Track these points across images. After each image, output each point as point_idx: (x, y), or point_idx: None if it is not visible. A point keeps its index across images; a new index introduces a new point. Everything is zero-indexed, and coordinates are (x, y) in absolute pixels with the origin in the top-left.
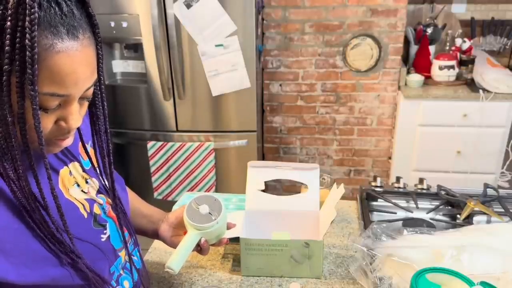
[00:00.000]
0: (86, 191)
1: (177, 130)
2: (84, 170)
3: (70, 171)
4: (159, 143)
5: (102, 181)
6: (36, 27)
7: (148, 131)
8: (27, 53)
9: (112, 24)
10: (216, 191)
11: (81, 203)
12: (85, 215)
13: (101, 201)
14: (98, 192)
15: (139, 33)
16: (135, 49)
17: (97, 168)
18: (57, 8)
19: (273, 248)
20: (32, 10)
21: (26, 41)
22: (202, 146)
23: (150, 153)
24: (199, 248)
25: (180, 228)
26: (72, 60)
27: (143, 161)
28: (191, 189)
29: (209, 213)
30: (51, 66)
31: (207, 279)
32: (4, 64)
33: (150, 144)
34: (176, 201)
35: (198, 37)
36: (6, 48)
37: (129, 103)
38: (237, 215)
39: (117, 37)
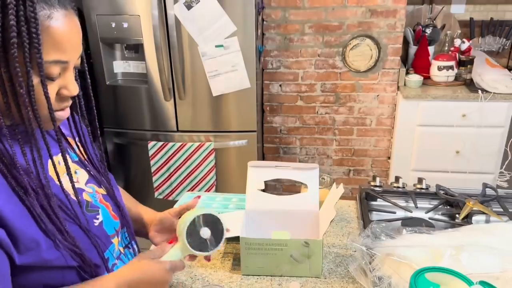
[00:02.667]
0: (75, 181)
1: (178, 130)
2: (73, 161)
3: (59, 160)
4: (160, 143)
5: (91, 166)
6: None
7: (149, 131)
8: (31, 24)
9: (113, 24)
10: (216, 191)
11: (70, 191)
12: (77, 200)
13: (90, 190)
14: (89, 181)
15: (139, 34)
16: (135, 50)
17: (83, 158)
18: None
19: (273, 247)
20: None
21: (29, 13)
22: (202, 146)
23: (150, 153)
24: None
25: (165, 232)
26: (69, 27)
27: (144, 161)
28: (192, 189)
29: (208, 239)
30: (52, 34)
31: (207, 278)
32: (10, 38)
33: (150, 144)
34: (177, 200)
35: (199, 37)
36: (11, 22)
37: (129, 103)
38: (237, 215)
39: (117, 37)
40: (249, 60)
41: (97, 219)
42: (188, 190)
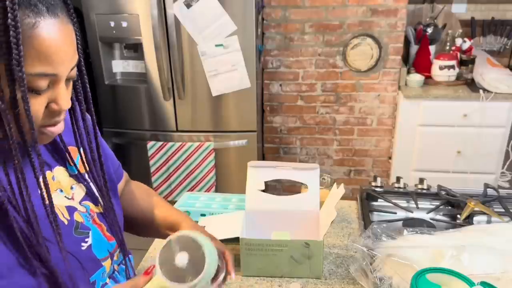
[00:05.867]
0: (70, 197)
1: (177, 130)
2: (70, 175)
3: (53, 176)
4: (159, 143)
5: (92, 180)
6: (17, 6)
7: (148, 131)
8: (11, 33)
9: (112, 24)
10: (216, 191)
11: (60, 210)
12: (65, 221)
13: (83, 209)
14: (84, 198)
15: (139, 33)
16: (135, 49)
17: (82, 166)
18: None
19: (273, 248)
20: None
21: (9, 20)
22: (202, 146)
23: (150, 153)
24: None
25: None
26: (57, 38)
27: (143, 161)
28: (191, 189)
29: (185, 268)
30: (37, 45)
31: None
32: None
33: (150, 144)
34: (176, 201)
35: (198, 37)
36: None
37: (129, 103)
38: (237, 215)
39: (117, 37)
40: (249, 59)
41: (86, 242)
42: (188, 190)
